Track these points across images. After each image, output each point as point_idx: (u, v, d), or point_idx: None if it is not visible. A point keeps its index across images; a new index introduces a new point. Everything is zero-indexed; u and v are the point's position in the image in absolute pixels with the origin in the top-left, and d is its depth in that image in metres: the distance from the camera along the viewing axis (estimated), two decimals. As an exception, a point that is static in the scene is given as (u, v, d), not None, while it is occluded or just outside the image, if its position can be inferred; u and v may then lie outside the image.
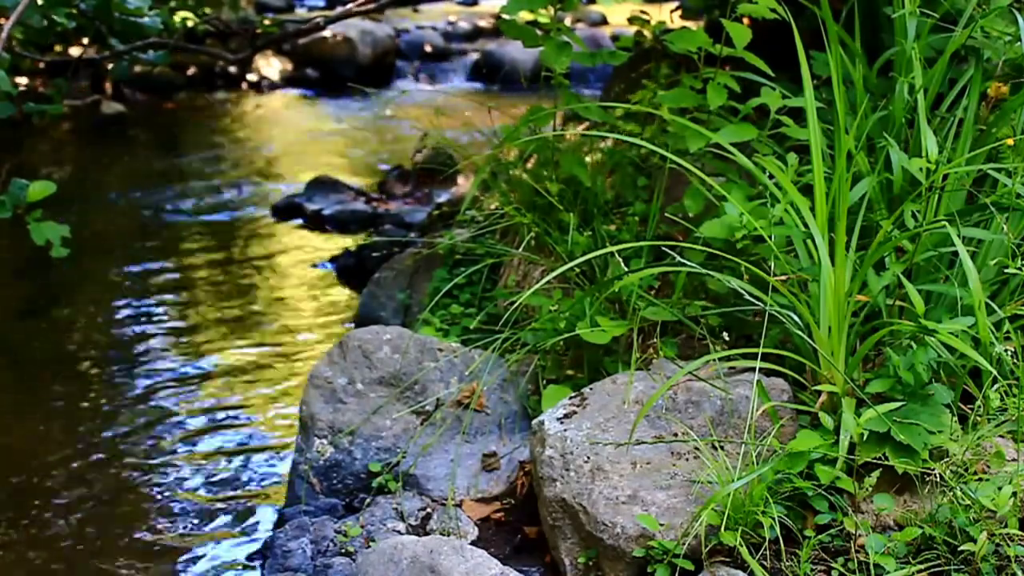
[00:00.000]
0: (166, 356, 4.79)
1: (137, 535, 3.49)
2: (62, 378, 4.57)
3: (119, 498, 3.71)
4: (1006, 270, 2.85)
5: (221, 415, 4.29)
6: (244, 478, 3.83)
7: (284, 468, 3.79)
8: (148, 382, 4.55)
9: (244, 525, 3.54)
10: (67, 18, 4.95)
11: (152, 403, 4.37)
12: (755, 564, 2.45)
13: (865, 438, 2.58)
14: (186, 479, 3.83)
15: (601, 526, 2.64)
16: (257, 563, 3.26)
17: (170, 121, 9.30)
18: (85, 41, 5.82)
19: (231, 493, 3.74)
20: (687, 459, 2.75)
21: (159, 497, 3.72)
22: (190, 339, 4.97)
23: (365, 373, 3.39)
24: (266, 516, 3.56)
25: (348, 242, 6.17)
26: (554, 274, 2.96)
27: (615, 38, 5.70)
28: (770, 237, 2.95)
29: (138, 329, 5.07)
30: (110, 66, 6.72)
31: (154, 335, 5.01)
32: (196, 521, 3.56)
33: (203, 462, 3.94)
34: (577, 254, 3.46)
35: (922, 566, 2.44)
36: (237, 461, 3.95)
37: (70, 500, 3.67)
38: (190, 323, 5.15)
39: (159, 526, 3.54)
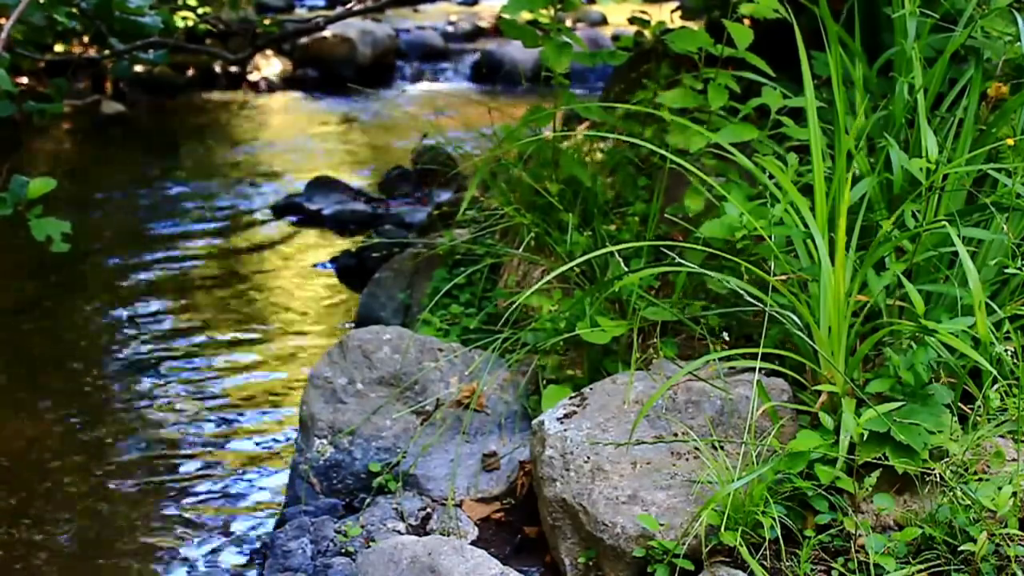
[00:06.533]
0: (165, 356, 4.79)
1: (136, 534, 3.49)
2: (61, 377, 4.57)
3: (118, 497, 3.71)
4: (1006, 270, 2.85)
5: (221, 414, 4.29)
6: (244, 478, 3.83)
7: (284, 468, 3.79)
8: (147, 381, 4.55)
9: (244, 525, 3.54)
10: (67, 17, 4.94)
11: (151, 402, 4.37)
12: (755, 564, 2.45)
13: (865, 438, 2.58)
14: (186, 478, 3.83)
15: (601, 526, 2.64)
16: (257, 563, 3.26)
17: (170, 121, 9.29)
18: (85, 40, 5.82)
19: (231, 493, 3.74)
20: (687, 459, 2.75)
21: (158, 496, 3.72)
22: (189, 339, 4.97)
23: (365, 373, 3.39)
24: (266, 516, 3.57)
25: (348, 242, 6.17)
26: (554, 274, 2.96)
27: (615, 38, 5.70)
28: (770, 237, 2.95)
29: (137, 329, 5.07)
30: (110, 66, 6.72)
31: (154, 335, 5.01)
32: (196, 521, 3.56)
33: (203, 461, 3.94)
34: (577, 254, 3.46)
35: (922, 566, 2.44)
36: (237, 461, 3.95)
37: (69, 500, 3.67)
38: (190, 323, 5.15)
39: (158, 525, 3.54)
